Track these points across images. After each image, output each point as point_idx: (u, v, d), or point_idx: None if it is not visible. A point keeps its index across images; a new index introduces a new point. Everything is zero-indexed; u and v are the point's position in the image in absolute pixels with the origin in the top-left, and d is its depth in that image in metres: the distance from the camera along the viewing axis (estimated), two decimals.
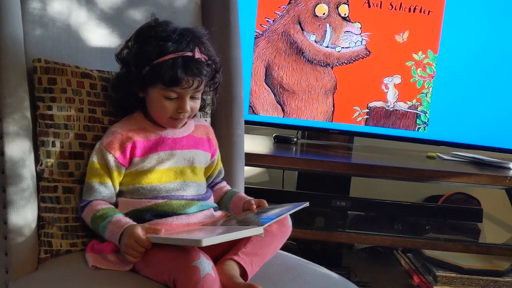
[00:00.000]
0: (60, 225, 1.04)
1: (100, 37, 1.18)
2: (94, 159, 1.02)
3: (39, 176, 1.04)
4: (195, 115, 1.11)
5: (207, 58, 1.02)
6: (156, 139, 1.05)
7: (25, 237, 1.00)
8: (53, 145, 1.04)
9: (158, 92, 1.00)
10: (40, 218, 1.04)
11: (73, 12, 1.15)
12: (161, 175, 1.03)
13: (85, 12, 1.17)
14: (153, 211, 1.01)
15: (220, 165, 1.19)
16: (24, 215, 1.00)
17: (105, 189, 1.01)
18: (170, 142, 1.06)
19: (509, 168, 1.79)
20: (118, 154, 1.01)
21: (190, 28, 1.04)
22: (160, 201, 1.01)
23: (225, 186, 1.20)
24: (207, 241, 0.81)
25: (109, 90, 1.09)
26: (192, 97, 1.02)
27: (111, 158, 1.01)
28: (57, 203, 1.04)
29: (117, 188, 1.03)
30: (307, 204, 1.02)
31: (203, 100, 1.10)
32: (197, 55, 0.99)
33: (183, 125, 1.08)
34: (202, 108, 1.13)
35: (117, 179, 1.03)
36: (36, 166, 1.04)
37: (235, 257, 0.93)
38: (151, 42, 0.99)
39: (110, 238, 0.96)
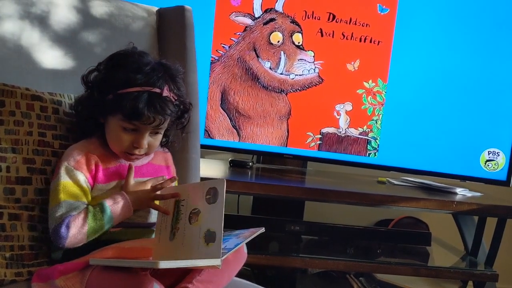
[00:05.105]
0: (5, 253, 0.99)
1: (52, 59, 1.16)
2: (66, 179, 0.95)
3: None
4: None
5: (176, 98, 0.99)
6: (116, 166, 1.01)
7: None
8: None
9: (117, 122, 0.97)
10: None
11: (25, 33, 1.12)
12: None
13: (38, 33, 1.14)
14: (109, 240, 0.96)
15: None
16: None
17: (84, 205, 0.95)
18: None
19: (455, 193, 1.86)
20: (87, 174, 0.97)
21: (166, 63, 1.01)
22: (116, 229, 0.98)
23: None
24: (164, 264, 0.81)
25: (61, 112, 1.06)
26: (152, 133, 0.99)
27: (81, 177, 0.96)
28: (2, 230, 0.99)
29: None
30: (262, 230, 1.02)
31: (167, 136, 1.07)
32: (165, 93, 0.96)
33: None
34: (165, 144, 1.10)
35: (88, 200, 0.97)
36: None
37: (190, 285, 0.92)
38: (121, 70, 0.96)
39: (123, 209, 0.95)
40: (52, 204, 0.94)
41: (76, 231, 0.92)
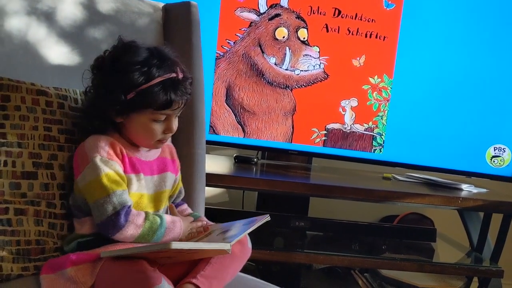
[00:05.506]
0: (11, 248, 1.00)
1: (59, 54, 1.16)
2: (106, 169, 0.94)
3: None
4: None
5: (185, 75, 1.01)
6: (132, 160, 1.02)
7: None
8: (5, 164, 1.00)
9: (147, 116, 0.98)
10: None
11: (31, 29, 1.13)
12: (135, 199, 1.00)
13: (44, 29, 1.15)
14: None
15: (181, 185, 1.18)
16: None
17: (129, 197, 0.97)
18: (144, 164, 1.03)
19: (461, 189, 1.86)
20: (121, 163, 0.98)
21: (161, 48, 1.02)
22: None
23: (186, 209, 1.18)
24: (176, 245, 0.82)
25: (66, 107, 1.06)
26: (178, 115, 1.03)
27: (118, 167, 0.97)
28: (8, 225, 1.00)
29: None
30: (268, 217, 1.03)
31: None
32: (180, 74, 0.99)
33: None
34: None
35: None
36: None
37: (194, 280, 0.92)
38: (132, 68, 0.96)
39: (174, 233, 0.99)
40: (99, 196, 0.94)
41: (132, 227, 0.94)
